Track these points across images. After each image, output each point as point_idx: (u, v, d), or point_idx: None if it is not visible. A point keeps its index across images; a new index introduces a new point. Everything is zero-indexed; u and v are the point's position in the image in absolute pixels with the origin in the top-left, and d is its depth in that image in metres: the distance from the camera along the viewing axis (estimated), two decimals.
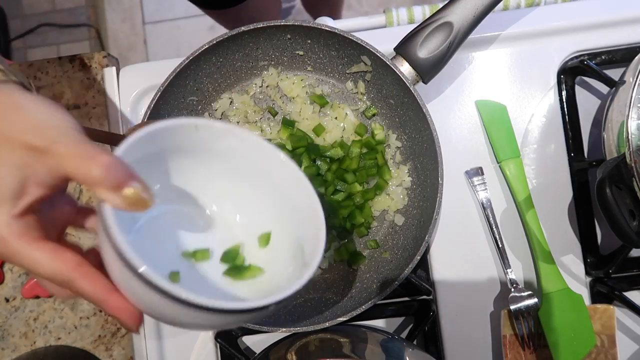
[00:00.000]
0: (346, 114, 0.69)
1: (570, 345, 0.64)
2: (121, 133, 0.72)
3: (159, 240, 0.45)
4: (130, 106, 0.71)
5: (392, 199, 0.69)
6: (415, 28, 0.62)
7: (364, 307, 0.61)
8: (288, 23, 0.63)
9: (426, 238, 0.61)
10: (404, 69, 0.62)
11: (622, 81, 0.63)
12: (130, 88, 0.72)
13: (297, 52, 0.68)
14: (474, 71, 0.72)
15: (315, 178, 0.68)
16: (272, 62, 0.69)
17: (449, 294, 0.69)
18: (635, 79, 0.57)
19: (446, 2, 0.62)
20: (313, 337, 0.63)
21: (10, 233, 0.35)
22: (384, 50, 0.63)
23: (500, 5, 0.72)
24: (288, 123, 0.69)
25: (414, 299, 0.69)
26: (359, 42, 0.62)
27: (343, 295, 0.67)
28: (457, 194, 0.70)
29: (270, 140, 0.69)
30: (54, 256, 0.36)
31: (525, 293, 0.66)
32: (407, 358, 0.60)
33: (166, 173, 0.46)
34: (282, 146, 0.68)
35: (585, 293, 0.68)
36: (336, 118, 0.70)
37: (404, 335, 0.69)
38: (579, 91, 0.71)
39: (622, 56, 0.70)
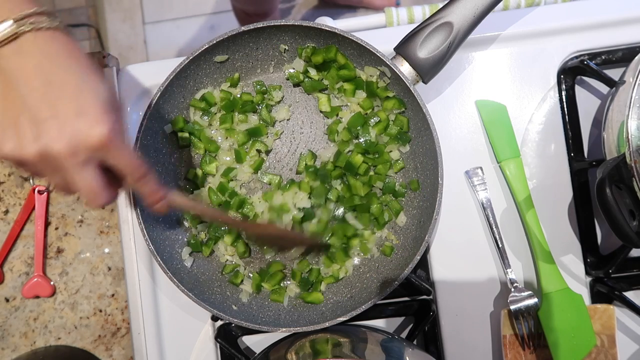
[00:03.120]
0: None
1: (570, 345, 0.64)
2: None
3: None
4: (131, 106, 0.71)
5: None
6: (415, 28, 0.62)
7: (364, 307, 0.61)
8: (288, 23, 0.63)
9: (426, 238, 0.61)
10: (404, 69, 0.62)
11: (622, 81, 0.63)
12: (130, 88, 0.72)
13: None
14: (474, 71, 0.72)
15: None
16: (272, 62, 0.69)
17: (449, 294, 0.69)
18: (635, 79, 0.57)
19: (446, 2, 0.62)
20: (313, 337, 0.63)
21: (122, 132, 0.48)
22: (384, 50, 0.63)
23: (500, 5, 0.72)
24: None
25: (414, 299, 0.69)
26: (359, 42, 0.62)
27: (343, 295, 0.67)
28: (457, 194, 0.70)
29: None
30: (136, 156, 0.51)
31: (525, 293, 0.66)
32: (407, 358, 0.60)
33: None
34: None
35: (585, 293, 0.68)
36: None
37: (404, 335, 0.69)
38: (579, 91, 0.71)
39: (622, 56, 0.69)
